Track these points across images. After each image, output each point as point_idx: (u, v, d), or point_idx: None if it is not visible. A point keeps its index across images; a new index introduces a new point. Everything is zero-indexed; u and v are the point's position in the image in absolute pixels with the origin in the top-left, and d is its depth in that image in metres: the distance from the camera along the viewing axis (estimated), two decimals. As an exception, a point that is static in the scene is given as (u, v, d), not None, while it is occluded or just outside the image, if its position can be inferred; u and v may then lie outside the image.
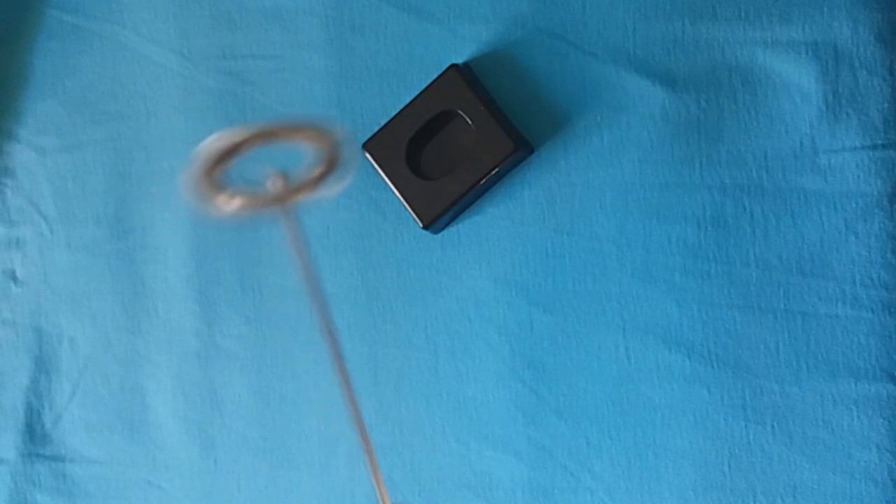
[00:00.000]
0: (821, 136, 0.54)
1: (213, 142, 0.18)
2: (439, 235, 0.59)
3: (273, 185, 0.20)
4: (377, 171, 0.58)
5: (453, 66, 0.57)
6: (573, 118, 0.57)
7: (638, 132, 0.56)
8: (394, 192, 0.57)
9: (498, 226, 0.58)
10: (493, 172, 0.55)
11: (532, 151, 0.58)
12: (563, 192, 0.57)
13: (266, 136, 0.19)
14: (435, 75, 0.57)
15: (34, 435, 0.64)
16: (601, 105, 0.57)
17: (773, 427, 0.54)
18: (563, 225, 0.57)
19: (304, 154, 0.20)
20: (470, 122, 0.56)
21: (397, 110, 0.58)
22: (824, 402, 0.54)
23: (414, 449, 0.59)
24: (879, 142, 0.53)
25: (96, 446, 0.63)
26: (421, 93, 0.57)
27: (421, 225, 0.57)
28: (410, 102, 0.57)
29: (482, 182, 0.56)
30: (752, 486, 0.54)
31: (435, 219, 0.57)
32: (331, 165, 0.20)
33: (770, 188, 0.55)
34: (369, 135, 0.58)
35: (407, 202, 0.57)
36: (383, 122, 0.58)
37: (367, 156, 0.58)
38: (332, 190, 0.19)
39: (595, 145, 0.57)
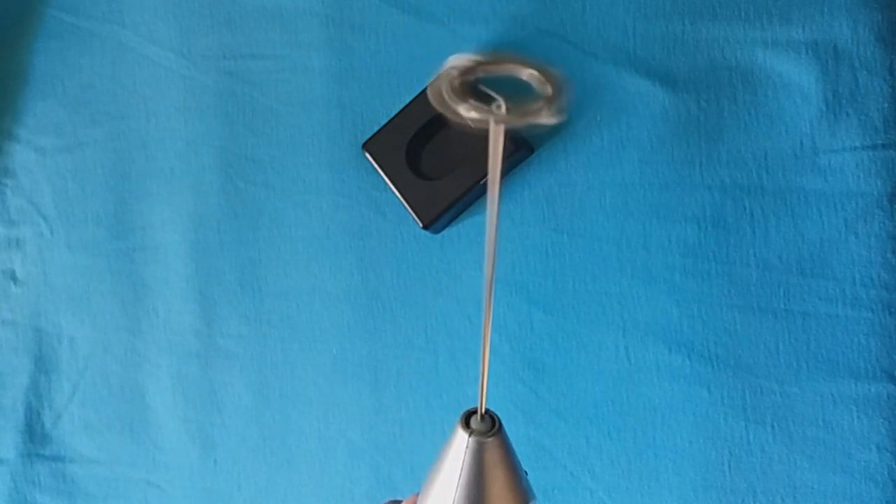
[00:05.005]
0: (821, 136, 0.54)
1: (462, 58, 0.22)
2: (439, 235, 0.59)
3: (498, 106, 0.22)
4: (377, 171, 0.58)
5: (453, 66, 0.57)
6: (573, 118, 0.57)
7: (638, 132, 0.56)
8: (394, 192, 0.57)
9: (498, 225, 0.58)
10: (493, 172, 0.55)
11: (532, 151, 0.58)
12: (563, 192, 0.57)
13: (505, 62, 0.22)
14: (435, 75, 0.57)
15: (34, 435, 0.64)
16: (601, 105, 0.57)
17: (773, 427, 0.54)
18: (563, 225, 0.57)
19: (526, 87, 0.22)
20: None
21: (397, 110, 0.58)
22: (824, 402, 0.54)
23: (414, 449, 0.59)
24: (879, 142, 0.53)
25: (96, 446, 0.64)
26: (421, 93, 0.57)
27: (421, 225, 0.57)
28: (410, 102, 0.57)
29: (482, 182, 0.56)
30: (752, 486, 0.54)
31: (435, 219, 0.57)
32: (548, 103, 0.22)
33: (770, 188, 0.55)
34: (369, 135, 0.58)
35: (407, 202, 0.57)
36: (383, 122, 0.58)
37: (367, 156, 0.58)
38: (542, 123, 0.22)
39: (595, 145, 0.57)
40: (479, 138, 0.55)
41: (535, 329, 0.57)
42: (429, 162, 0.58)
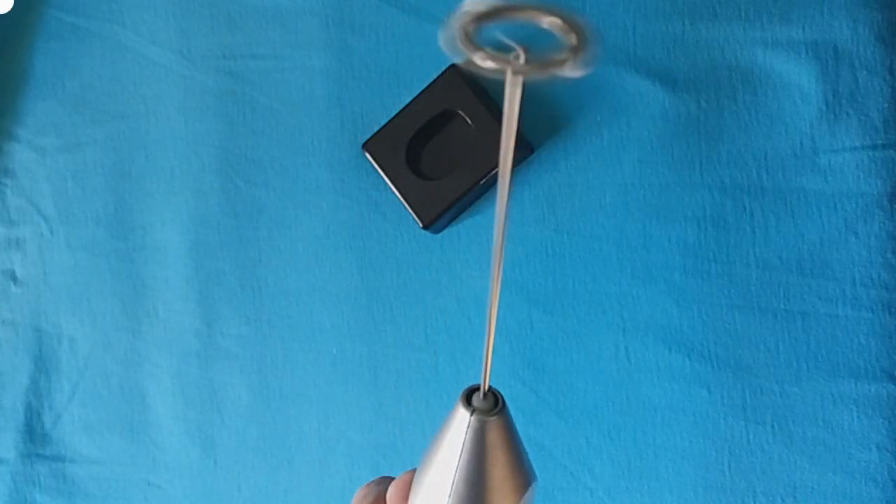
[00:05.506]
0: (821, 136, 0.54)
1: (478, 3, 0.20)
2: (439, 235, 0.59)
3: (517, 56, 0.21)
4: (377, 171, 0.58)
5: (453, 66, 0.57)
6: (573, 118, 0.57)
7: (638, 132, 0.56)
8: (394, 192, 0.57)
9: (498, 226, 0.58)
10: (493, 172, 0.56)
11: (532, 151, 0.58)
12: (563, 192, 0.57)
13: (524, 9, 0.21)
14: (435, 75, 0.57)
15: (34, 435, 0.64)
16: (601, 105, 0.57)
17: (773, 427, 0.54)
18: (563, 225, 0.57)
19: (550, 37, 0.21)
20: (470, 122, 0.56)
21: (397, 110, 0.58)
22: (824, 402, 0.54)
23: (414, 449, 0.59)
24: (879, 142, 0.53)
25: (96, 446, 0.64)
26: (421, 93, 0.57)
27: (421, 225, 0.57)
28: (410, 102, 0.57)
29: (482, 182, 0.56)
30: (752, 486, 0.54)
31: (435, 219, 0.57)
32: (573, 55, 0.21)
33: (770, 188, 0.55)
34: (369, 135, 0.58)
35: (407, 202, 0.57)
36: (383, 122, 0.58)
37: (367, 156, 0.58)
38: (564, 76, 0.21)
39: (595, 145, 0.57)
40: (479, 138, 0.55)
41: (535, 329, 0.57)
42: (429, 162, 0.58)
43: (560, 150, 0.57)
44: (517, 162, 0.57)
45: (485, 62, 0.21)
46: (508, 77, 0.22)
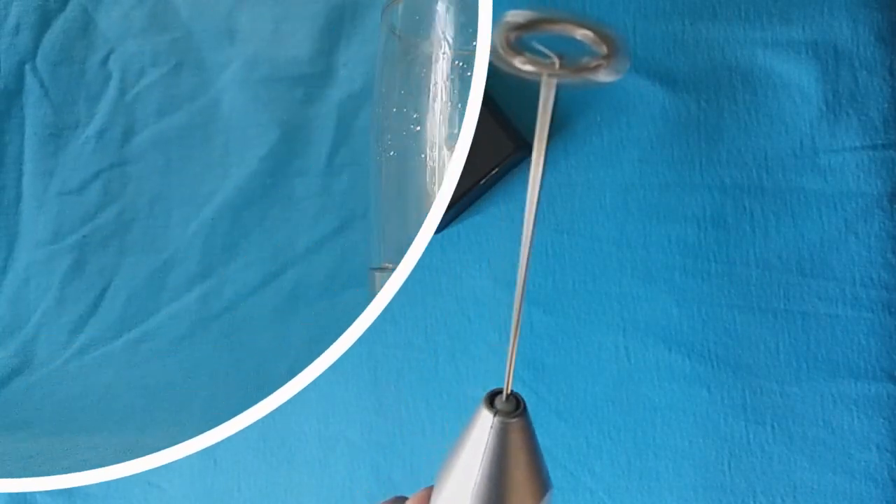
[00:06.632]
0: (821, 136, 0.54)
1: (518, 14, 0.22)
2: (439, 235, 0.59)
3: (552, 62, 0.24)
4: (377, 171, 0.58)
5: (453, 66, 0.57)
6: (573, 118, 0.57)
7: (638, 132, 0.56)
8: (394, 192, 0.58)
9: (498, 226, 0.58)
10: (493, 172, 0.55)
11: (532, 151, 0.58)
12: (563, 192, 0.57)
13: (560, 21, 0.23)
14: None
15: (34, 435, 0.64)
16: (601, 105, 0.57)
17: (773, 427, 0.54)
18: (563, 225, 0.57)
19: (582, 45, 0.23)
20: (470, 122, 0.56)
21: (397, 110, 0.58)
22: (824, 402, 0.54)
23: (414, 449, 0.59)
24: (879, 142, 0.53)
25: (96, 446, 0.64)
26: (421, 93, 0.57)
27: (421, 225, 0.57)
28: (410, 102, 0.57)
29: (482, 182, 0.56)
30: (752, 486, 0.54)
31: (435, 219, 0.56)
32: (605, 62, 0.23)
33: (770, 188, 0.55)
34: (369, 135, 0.58)
35: (407, 202, 0.57)
36: (383, 122, 0.58)
37: (367, 156, 0.58)
38: (598, 81, 0.23)
39: (595, 145, 0.57)
40: (479, 138, 0.55)
41: (535, 329, 0.57)
42: (429, 162, 0.58)
43: (560, 150, 0.57)
44: (517, 162, 0.57)
45: (524, 66, 0.23)
46: (544, 80, 0.24)
